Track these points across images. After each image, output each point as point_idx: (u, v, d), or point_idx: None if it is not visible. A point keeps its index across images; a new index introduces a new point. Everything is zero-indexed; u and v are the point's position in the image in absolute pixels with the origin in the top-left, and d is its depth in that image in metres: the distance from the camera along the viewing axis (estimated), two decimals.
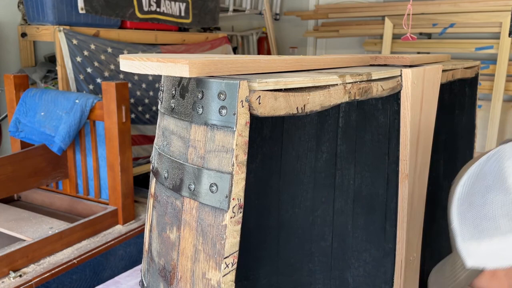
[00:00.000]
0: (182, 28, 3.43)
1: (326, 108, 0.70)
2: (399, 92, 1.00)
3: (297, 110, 0.64)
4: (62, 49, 2.53)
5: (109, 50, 2.77)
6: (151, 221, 0.69)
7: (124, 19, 2.89)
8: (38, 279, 1.83)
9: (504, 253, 0.65)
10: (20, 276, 1.82)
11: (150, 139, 2.98)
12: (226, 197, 0.61)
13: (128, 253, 2.29)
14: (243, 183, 0.62)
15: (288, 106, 0.62)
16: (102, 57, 2.72)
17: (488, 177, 0.67)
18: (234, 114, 0.59)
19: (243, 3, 4.36)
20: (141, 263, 0.89)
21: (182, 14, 3.30)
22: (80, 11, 2.59)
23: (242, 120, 0.60)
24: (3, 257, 1.80)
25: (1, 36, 2.78)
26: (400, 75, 1.00)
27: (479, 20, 3.63)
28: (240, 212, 0.63)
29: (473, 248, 0.67)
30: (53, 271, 1.89)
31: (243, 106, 0.60)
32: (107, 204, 2.35)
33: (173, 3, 3.20)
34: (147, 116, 2.98)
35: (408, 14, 1.59)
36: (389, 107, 1.07)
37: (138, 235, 2.32)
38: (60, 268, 1.92)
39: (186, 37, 3.40)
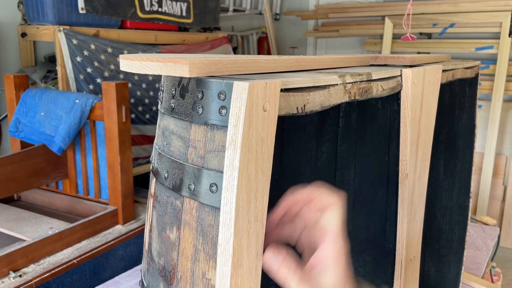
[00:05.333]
0: (182, 28, 3.42)
1: (326, 108, 0.70)
2: (399, 92, 1.00)
3: (297, 110, 0.64)
4: (62, 49, 2.53)
5: (109, 50, 2.77)
6: (151, 221, 0.69)
7: (126, 19, 2.89)
8: (38, 279, 1.83)
9: None
10: (20, 276, 1.82)
11: (150, 139, 2.98)
12: None
13: (128, 253, 2.29)
14: None
15: (288, 106, 0.62)
16: (102, 57, 2.72)
17: None
18: None
19: (243, 3, 4.36)
20: (141, 263, 0.89)
21: (184, 14, 3.30)
22: (81, 11, 2.59)
23: None
24: (3, 257, 1.80)
25: (1, 36, 2.77)
26: (400, 75, 1.00)
27: (479, 20, 3.63)
28: None
29: None
30: (53, 271, 1.89)
31: None
32: (107, 204, 2.35)
33: (174, 3, 3.20)
34: (147, 116, 2.98)
35: (408, 14, 1.59)
36: (389, 107, 1.07)
37: (138, 235, 2.32)
38: (60, 268, 1.92)
39: (186, 37, 3.40)
